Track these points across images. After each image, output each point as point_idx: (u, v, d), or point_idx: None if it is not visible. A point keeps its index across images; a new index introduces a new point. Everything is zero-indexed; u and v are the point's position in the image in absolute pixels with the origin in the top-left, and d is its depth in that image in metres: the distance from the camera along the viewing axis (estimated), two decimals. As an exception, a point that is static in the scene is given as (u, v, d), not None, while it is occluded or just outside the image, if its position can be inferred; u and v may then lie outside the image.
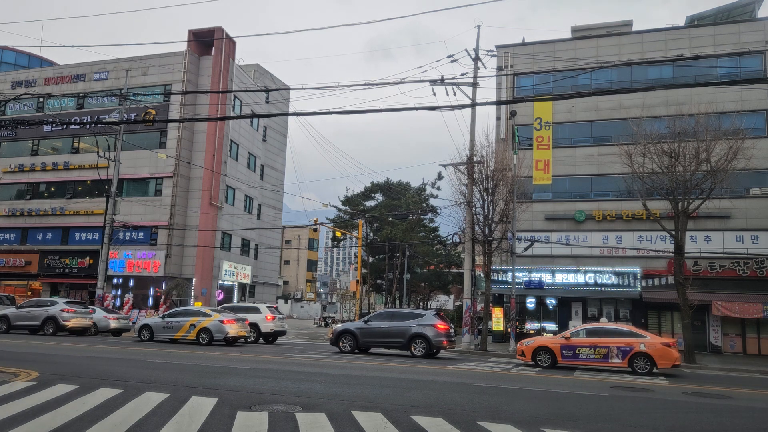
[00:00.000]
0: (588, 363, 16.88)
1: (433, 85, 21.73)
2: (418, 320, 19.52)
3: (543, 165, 31.91)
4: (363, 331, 20.00)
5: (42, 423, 6.47)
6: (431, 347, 18.94)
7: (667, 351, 15.98)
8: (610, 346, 16.46)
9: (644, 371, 15.93)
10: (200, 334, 21.11)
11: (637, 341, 16.32)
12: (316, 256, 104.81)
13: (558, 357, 17.05)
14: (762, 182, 29.66)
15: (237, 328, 21.24)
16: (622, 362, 16.27)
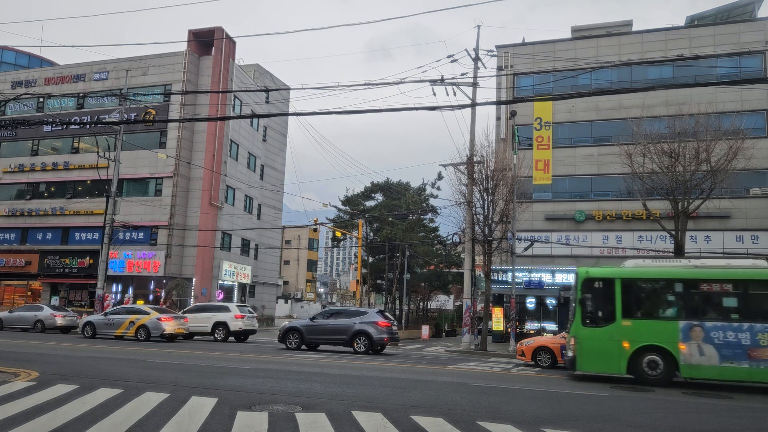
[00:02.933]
0: None
1: (433, 85, 21.72)
2: (360, 318, 20.19)
3: (543, 165, 31.93)
4: (309, 329, 20.57)
5: (42, 423, 6.47)
6: (373, 344, 19.57)
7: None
8: None
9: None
10: (138, 331, 22.19)
11: None
12: (316, 256, 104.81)
13: (558, 357, 16.95)
14: (762, 182, 29.67)
15: (174, 326, 22.29)
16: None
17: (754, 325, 12.67)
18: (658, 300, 14.20)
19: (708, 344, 12.84)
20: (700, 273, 13.70)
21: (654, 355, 13.18)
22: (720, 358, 12.71)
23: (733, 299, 13.36)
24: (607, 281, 13.87)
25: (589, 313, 14.02)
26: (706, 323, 12.99)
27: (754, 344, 12.56)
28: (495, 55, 30.49)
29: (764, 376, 12.62)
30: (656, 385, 12.99)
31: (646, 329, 13.44)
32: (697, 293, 13.60)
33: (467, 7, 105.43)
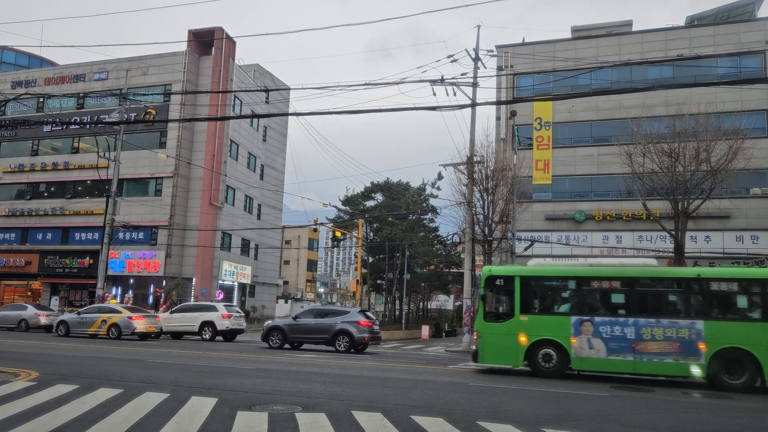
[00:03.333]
0: None
1: (433, 85, 21.72)
2: (342, 317, 20.37)
3: (543, 165, 31.92)
4: (291, 328, 20.71)
5: (42, 423, 6.47)
6: (354, 343, 19.71)
7: None
8: None
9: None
10: (110, 329, 22.74)
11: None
12: (316, 256, 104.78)
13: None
14: (762, 182, 29.67)
15: (145, 324, 22.88)
16: None
17: (639, 320, 13.34)
18: (552, 297, 14.93)
19: (597, 338, 13.52)
20: (590, 271, 14.51)
21: (548, 349, 13.88)
22: (607, 351, 13.37)
23: (620, 296, 14.09)
24: (508, 279, 14.62)
25: (491, 309, 14.68)
26: (595, 318, 13.66)
27: (638, 338, 13.23)
28: (495, 55, 30.50)
29: (646, 369, 13.29)
30: (550, 377, 13.57)
31: (541, 324, 14.12)
32: (588, 290, 14.30)
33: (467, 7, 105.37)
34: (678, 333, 12.99)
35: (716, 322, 12.99)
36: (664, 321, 13.18)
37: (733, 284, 13.53)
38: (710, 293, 13.59)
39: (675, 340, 12.98)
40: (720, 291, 13.66)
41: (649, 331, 13.16)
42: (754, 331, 12.66)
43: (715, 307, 13.47)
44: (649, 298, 13.95)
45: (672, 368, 13.07)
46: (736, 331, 12.81)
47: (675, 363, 12.98)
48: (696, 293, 13.53)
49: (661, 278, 14.20)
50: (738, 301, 13.52)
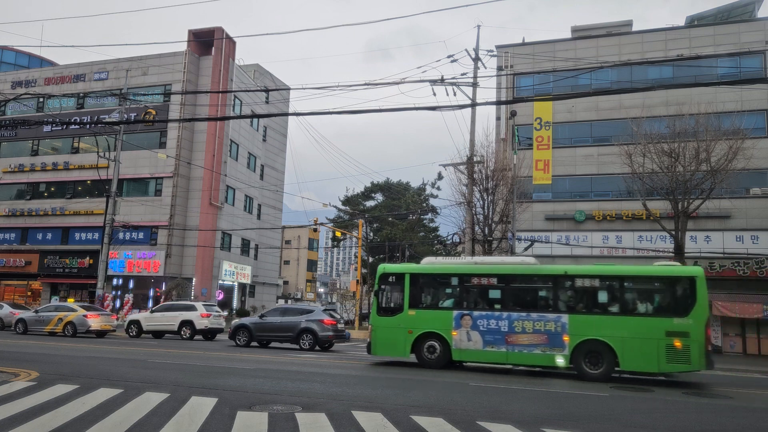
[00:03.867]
0: None
1: (433, 85, 21.74)
2: (307, 316, 20.72)
3: (543, 165, 31.91)
4: (257, 326, 21.08)
5: (42, 423, 6.47)
6: (318, 341, 20.10)
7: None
8: None
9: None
10: (66, 327, 23.48)
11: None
12: (316, 256, 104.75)
13: None
14: (762, 182, 29.66)
15: (100, 322, 23.74)
16: None
17: (512, 314, 14.31)
18: (437, 293, 15.84)
19: (475, 331, 14.50)
20: (470, 269, 15.46)
21: (433, 341, 14.87)
22: (483, 343, 14.36)
23: (497, 291, 15.05)
24: (399, 276, 15.64)
25: (383, 304, 15.68)
26: (474, 313, 14.66)
27: (511, 331, 14.20)
28: (495, 55, 30.49)
29: (517, 359, 14.26)
30: (433, 367, 14.60)
31: (427, 318, 15.10)
32: (469, 286, 15.22)
33: (467, 7, 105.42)
34: (545, 326, 13.92)
35: (579, 315, 13.88)
36: (534, 315, 14.10)
37: (596, 281, 14.34)
38: (575, 289, 14.42)
39: (543, 332, 13.91)
40: (584, 287, 14.38)
41: (521, 324, 14.12)
42: (611, 324, 13.60)
43: (579, 302, 14.30)
44: (522, 293, 14.96)
45: (540, 359, 13.99)
46: (596, 324, 13.69)
47: (542, 354, 13.89)
48: (563, 289, 14.48)
49: (532, 275, 15.03)
50: (599, 296, 14.35)
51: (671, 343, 12.99)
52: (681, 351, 12.92)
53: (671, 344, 12.98)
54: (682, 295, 13.50)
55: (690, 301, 13.25)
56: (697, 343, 12.87)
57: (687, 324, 13.01)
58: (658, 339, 13.08)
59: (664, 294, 13.92)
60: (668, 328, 13.10)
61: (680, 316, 13.15)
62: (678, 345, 12.94)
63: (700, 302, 13.16)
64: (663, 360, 12.99)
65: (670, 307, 13.53)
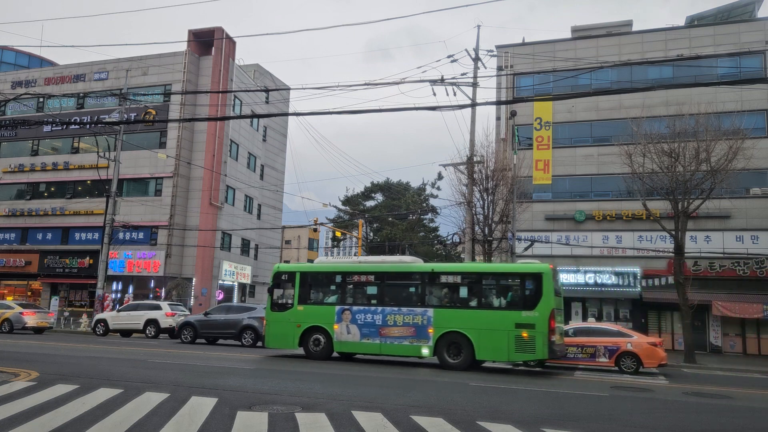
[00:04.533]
0: (575, 362, 16.96)
1: (433, 85, 21.76)
2: (249, 313, 21.43)
3: (543, 165, 31.91)
4: (202, 323, 21.89)
5: (42, 423, 6.47)
6: (259, 337, 20.48)
7: (654, 350, 16.18)
8: (597, 346, 16.62)
9: (631, 370, 16.10)
10: (3, 324, 25.01)
11: (624, 341, 16.50)
12: (316, 256, 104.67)
13: None
14: (762, 182, 29.65)
15: (36, 319, 25.46)
16: (609, 361, 16.43)
17: (386, 309, 15.49)
18: (323, 289, 17.00)
19: (353, 324, 15.69)
20: (351, 267, 16.85)
21: (318, 335, 16.09)
22: (360, 335, 15.53)
23: (373, 288, 16.17)
24: (290, 274, 16.90)
25: (276, 300, 16.96)
26: (353, 308, 15.87)
27: (384, 324, 15.36)
28: (495, 55, 30.48)
29: (389, 350, 15.41)
30: (318, 359, 15.76)
31: (313, 313, 16.30)
32: (349, 283, 16.50)
33: (467, 7, 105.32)
34: (414, 319, 15.11)
35: (442, 309, 15.05)
36: (405, 309, 15.30)
37: (458, 278, 15.64)
38: (440, 285, 15.66)
39: (411, 325, 15.09)
40: (447, 283, 15.69)
41: (393, 318, 15.30)
42: (469, 317, 14.73)
43: (443, 297, 15.53)
44: (395, 290, 16.09)
45: (408, 349, 15.16)
46: (456, 317, 14.83)
47: (410, 345, 15.05)
48: (429, 286, 15.58)
49: (404, 273, 16.24)
50: (460, 291, 15.55)
51: (520, 334, 13.99)
52: (528, 341, 13.91)
53: (520, 335, 13.99)
54: (530, 290, 14.51)
55: (537, 296, 14.21)
56: (541, 334, 13.80)
57: (533, 317, 13.98)
58: (508, 331, 14.11)
59: (514, 289, 14.96)
60: (517, 320, 14.11)
61: (528, 309, 14.14)
62: (525, 336, 13.94)
63: (546, 297, 14.09)
64: (512, 350, 14.06)
65: (520, 301, 14.53)
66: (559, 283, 15.77)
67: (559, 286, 15.53)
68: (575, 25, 36.63)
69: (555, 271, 15.02)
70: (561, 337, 15.22)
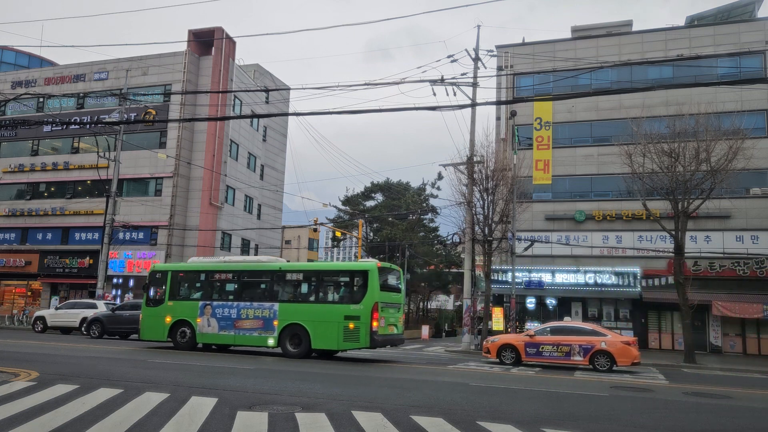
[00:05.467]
0: (551, 360, 17.20)
1: (433, 85, 21.75)
2: None
3: (543, 165, 31.93)
4: (109, 319, 23.31)
5: (42, 423, 6.47)
6: None
7: (627, 349, 16.37)
8: (572, 344, 16.86)
9: (604, 368, 16.29)
10: None
11: (599, 339, 16.71)
12: (316, 256, 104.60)
13: (522, 354, 17.42)
14: (762, 182, 29.65)
15: None
16: (583, 359, 16.66)
17: (240, 303, 17.17)
18: (190, 287, 18.58)
19: (213, 318, 17.35)
20: (213, 266, 18.42)
21: (184, 327, 17.70)
22: (219, 327, 17.21)
23: (232, 285, 17.82)
24: (163, 273, 18.60)
25: (151, 296, 18.60)
26: (213, 303, 17.54)
27: (238, 317, 17.02)
28: (495, 55, 30.49)
29: (242, 341, 17.15)
30: (184, 349, 17.39)
31: (181, 308, 17.93)
32: (212, 281, 18.07)
33: (467, 8, 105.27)
34: (262, 313, 16.77)
35: (287, 304, 16.69)
36: (255, 304, 17.01)
37: (300, 275, 17.23)
38: (285, 282, 17.26)
39: (260, 318, 16.75)
40: (291, 280, 17.27)
41: (245, 312, 16.98)
42: (307, 310, 16.39)
43: (287, 292, 17.15)
44: (249, 287, 17.70)
45: (257, 340, 16.82)
46: (298, 311, 16.48)
47: (259, 336, 16.70)
48: (276, 282, 17.20)
49: (256, 271, 17.91)
50: (301, 287, 17.14)
51: (347, 325, 15.64)
52: (353, 332, 15.53)
53: (347, 326, 15.63)
54: (357, 285, 16.06)
55: (363, 291, 15.79)
56: (365, 325, 15.40)
57: (359, 309, 15.59)
58: (338, 322, 15.76)
59: (345, 285, 16.56)
60: (346, 313, 15.77)
61: (355, 303, 15.77)
62: (352, 327, 15.57)
63: (370, 291, 15.65)
64: (341, 339, 15.70)
65: (349, 296, 16.19)
66: (396, 280, 17.40)
67: (395, 282, 17.23)
68: (575, 25, 36.63)
69: (384, 269, 16.54)
70: (396, 327, 16.81)
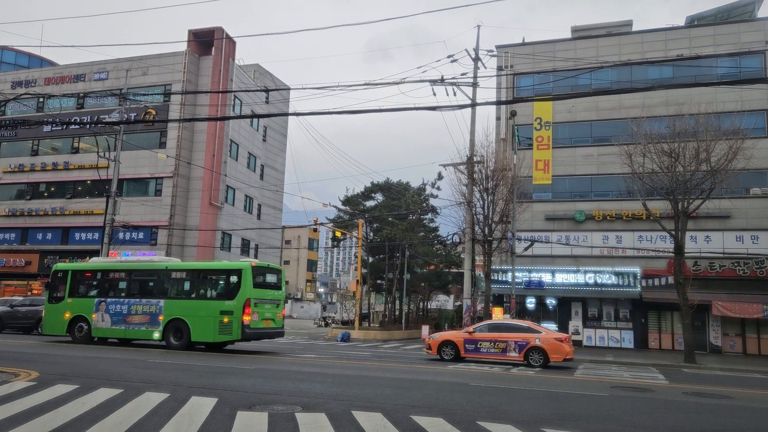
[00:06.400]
0: (488, 356, 17.70)
1: (433, 85, 21.76)
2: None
3: (543, 165, 31.93)
4: (8, 315, 24.50)
5: (42, 423, 6.47)
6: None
7: (559, 345, 16.88)
8: (508, 341, 17.39)
9: (538, 364, 16.76)
10: None
11: (533, 336, 17.24)
12: (316, 256, 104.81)
13: (461, 350, 17.92)
14: (762, 182, 29.64)
15: None
16: (518, 356, 17.17)
17: (131, 300, 18.70)
18: (88, 284, 19.96)
19: (107, 314, 18.89)
20: (109, 265, 20.11)
21: (81, 322, 19.21)
22: (111, 322, 18.79)
23: (124, 283, 19.40)
24: (64, 272, 20.07)
25: (53, 294, 20.08)
26: (107, 299, 19.08)
27: (129, 313, 18.59)
28: (495, 55, 30.48)
29: (132, 335, 18.70)
30: (81, 343, 18.82)
31: (79, 305, 19.39)
32: (106, 279, 19.71)
33: (467, 8, 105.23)
34: (150, 308, 18.29)
35: (171, 300, 18.19)
36: (144, 300, 18.51)
37: (183, 273, 18.84)
38: (170, 280, 18.69)
39: (148, 313, 18.28)
40: (175, 278, 18.76)
41: (135, 308, 18.50)
42: (189, 306, 17.95)
43: (172, 289, 18.60)
44: (140, 284, 19.08)
45: (145, 333, 18.33)
46: (180, 306, 17.99)
47: (146, 330, 18.24)
48: (163, 280, 18.73)
49: (146, 270, 19.35)
50: (184, 285, 18.67)
51: (222, 320, 17.20)
52: (227, 325, 17.11)
53: (222, 321, 17.20)
54: (233, 283, 17.58)
55: (237, 288, 17.35)
56: (237, 319, 16.99)
57: (232, 305, 17.16)
58: (215, 317, 17.31)
59: (222, 283, 18.14)
60: (221, 308, 17.35)
61: (230, 299, 17.35)
62: (226, 321, 17.15)
63: (243, 289, 17.22)
64: (217, 332, 17.24)
65: (225, 293, 17.76)
66: (275, 279, 18.94)
67: (274, 281, 18.75)
68: (575, 25, 36.62)
69: (260, 268, 18.22)
70: (273, 322, 18.41)
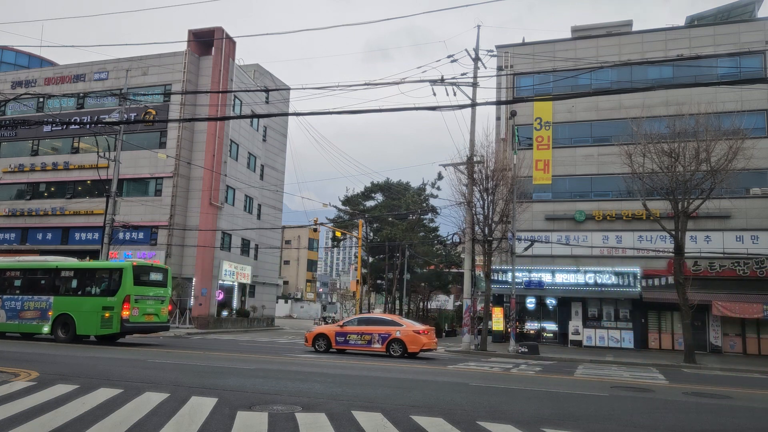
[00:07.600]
0: (356, 348, 19.26)
1: (433, 85, 21.74)
2: None
3: (543, 165, 31.94)
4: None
5: (42, 423, 6.47)
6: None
7: (417, 337, 18.52)
8: (373, 333, 19.05)
9: (397, 354, 18.42)
10: None
11: (395, 329, 18.89)
12: (316, 256, 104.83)
13: (333, 342, 19.49)
14: (762, 182, 29.65)
15: None
16: (381, 347, 18.78)
17: (25, 297, 20.60)
18: None
19: (2, 309, 20.71)
20: (6, 265, 22.00)
21: None
22: (7, 317, 20.57)
23: (19, 281, 21.21)
24: None
25: None
26: (3, 296, 20.91)
27: (23, 309, 20.42)
28: (495, 55, 30.47)
29: (25, 329, 20.32)
30: None
31: None
32: (5, 278, 21.43)
33: (467, 8, 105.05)
34: (41, 305, 20.08)
35: (60, 297, 19.99)
36: (36, 297, 20.34)
37: (71, 272, 20.54)
38: (59, 278, 20.47)
39: (39, 309, 20.04)
40: (65, 276, 20.47)
41: (28, 304, 20.32)
42: (75, 302, 19.71)
43: (62, 287, 20.34)
44: (33, 282, 20.92)
45: (36, 328, 19.99)
46: (68, 302, 19.78)
47: (37, 324, 19.92)
48: (53, 278, 20.53)
49: (39, 269, 21.24)
50: (72, 283, 20.33)
51: (104, 314, 19.02)
52: (108, 320, 18.94)
53: (104, 315, 19.02)
54: (114, 281, 19.38)
55: (118, 285, 19.18)
56: (116, 314, 18.84)
57: (113, 301, 19.03)
58: (98, 312, 19.12)
59: (106, 281, 19.81)
60: (104, 304, 19.13)
61: (111, 296, 19.19)
62: (107, 316, 18.97)
63: (123, 286, 19.07)
64: (99, 326, 19.10)
65: (107, 290, 19.53)
66: (161, 276, 20.79)
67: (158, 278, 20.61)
68: (575, 25, 36.63)
69: (142, 267, 20.31)
70: (156, 317, 20.24)
